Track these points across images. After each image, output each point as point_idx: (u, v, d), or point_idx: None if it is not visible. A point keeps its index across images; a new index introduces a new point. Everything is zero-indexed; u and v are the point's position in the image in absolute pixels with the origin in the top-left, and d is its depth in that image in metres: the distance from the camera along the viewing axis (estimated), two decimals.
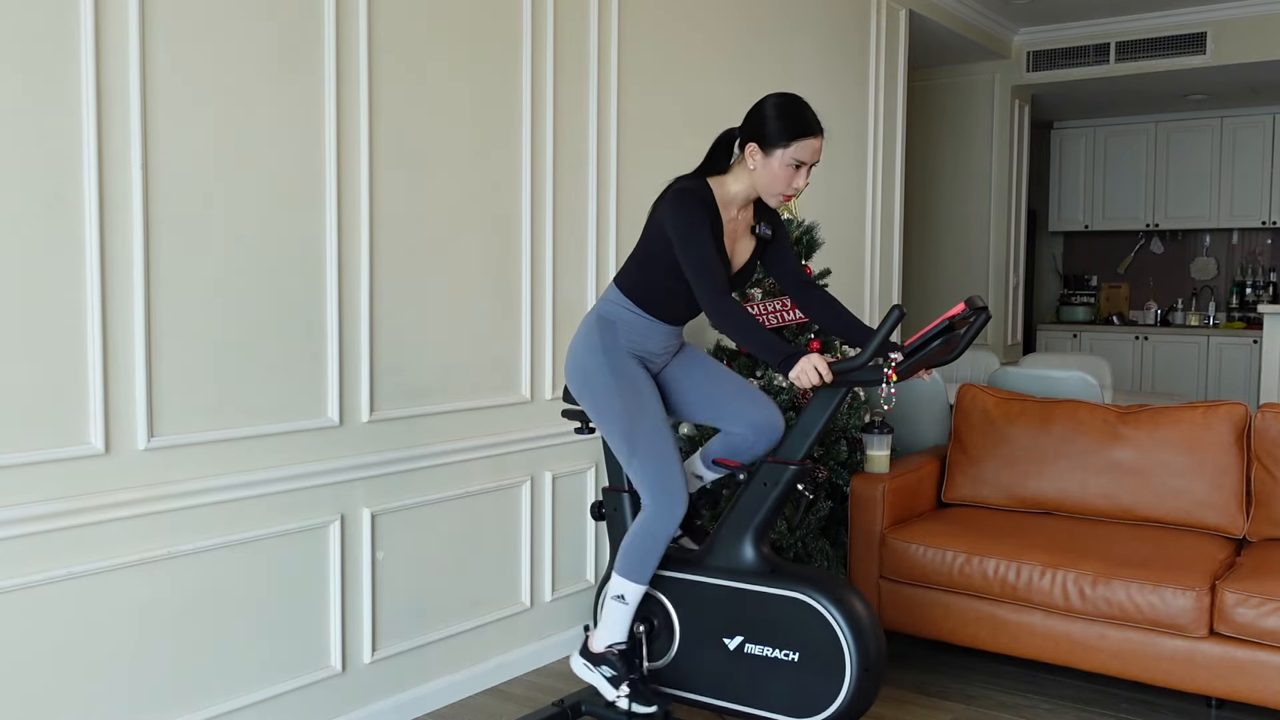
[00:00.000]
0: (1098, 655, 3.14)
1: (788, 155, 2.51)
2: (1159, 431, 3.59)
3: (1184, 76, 6.75)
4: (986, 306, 2.48)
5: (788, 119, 2.52)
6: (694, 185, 2.55)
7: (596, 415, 2.66)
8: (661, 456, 2.58)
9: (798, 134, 2.51)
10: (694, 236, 2.48)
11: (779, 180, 2.54)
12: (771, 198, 2.59)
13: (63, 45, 2.26)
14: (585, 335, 2.67)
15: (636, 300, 2.64)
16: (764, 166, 2.53)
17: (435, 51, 3.06)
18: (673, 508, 2.57)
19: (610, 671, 2.68)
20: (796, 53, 4.65)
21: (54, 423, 2.29)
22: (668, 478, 2.57)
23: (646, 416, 2.60)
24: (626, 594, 2.65)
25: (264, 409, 2.69)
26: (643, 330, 2.65)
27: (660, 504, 2.58)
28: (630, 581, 2.64)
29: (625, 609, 2.66)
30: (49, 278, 2.27)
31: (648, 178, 3.77)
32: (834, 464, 3.73)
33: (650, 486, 2.59)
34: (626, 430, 2.59)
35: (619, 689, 2.66)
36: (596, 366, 2.62)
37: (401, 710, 3.08)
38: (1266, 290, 8.33)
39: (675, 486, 2.58)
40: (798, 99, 2.57)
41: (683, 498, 2.59)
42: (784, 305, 3.60)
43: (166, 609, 2.52)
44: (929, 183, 7.33)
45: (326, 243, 2.81)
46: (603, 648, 2.71)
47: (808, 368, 2.41)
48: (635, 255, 2.66)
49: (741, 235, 2.67)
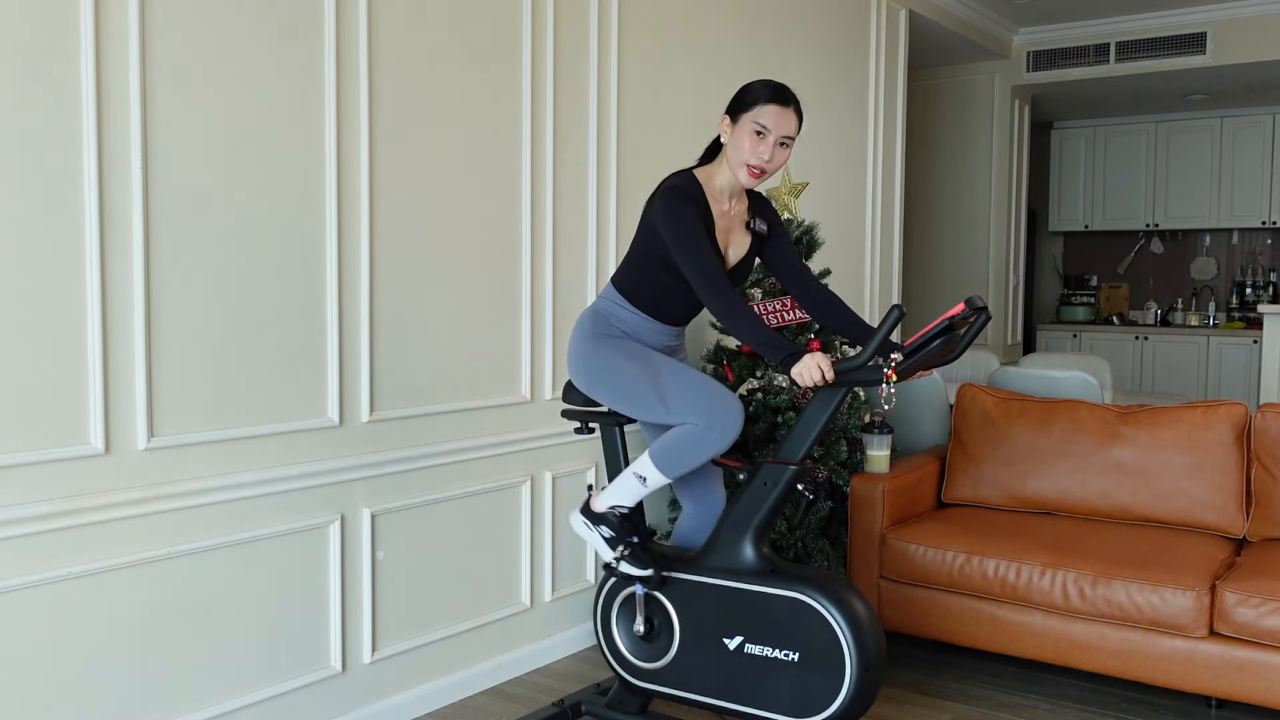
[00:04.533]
0: (1097, 655, 3.15)
1: (750, 119, 2.52)
2: (1159, 431, 3.59)
3: (1184, 76, 6.75)
4: (986, 306, 2.48)
5: (755, 87, 2.55)
6: (683, 182, 2.55)
7: (616, 395, 2.62)
8: (699, 387, 2.51)
9: (761, 99, 2.52)
10: (687, 234, 2.46)
11: (744, 149, 2.53)
12: (740, 170, 2.56)
13: (63, 47, 2.26)
14: (580, 330, 2.67)
15: (634, 300, 2.63)
16: (733, 138, 2.55)
17: (435, 52, 3.06)
18: (727, 427, 2.48)
19: (609, 532, 2.66)
20: (796, 52, 4.65)
21: (54, 423, 2.29)
22: (714, 400, 2.49)
23: (661, 363, 2.57)
24: (650, 478, 2.60)
25: (264, 409, 2.69)
26: (641, 328, 2.64)
27: (713, 425, 2.48)
28: (659, 471, 2.57)
29: (642, 488, 2.63)
30: (49, 278, 2.27)
31: (648, 177, 3.77)
32: (834, 464, 3.73)
33: (702, 413, 2.49)
34: (652, 388, 2.54)
35: (615, 549, 2.64)
36: (595, 351, 2.62)
37: (401, 710, 3.08)
38: (1266, 290, 8.33)
39: (726, 406, 2.48)
40: (771, 79, 2.61)
41: (737, 417, 2.48)
42: (784, 305, 3.60)
43: (166, 609, 2.52)
44: (929, 183, 7.33)
45: (326, 243, 2.81)
46: (605, 508, 2.68)
47: (810, 365, 2.40)
48: (630, 255, 2.65)
49: (735, 230, 2.66)
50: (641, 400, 2.57)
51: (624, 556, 2.63)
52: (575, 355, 2.67)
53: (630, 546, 2.64)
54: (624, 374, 2.58)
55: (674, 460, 2.55)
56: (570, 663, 3.56)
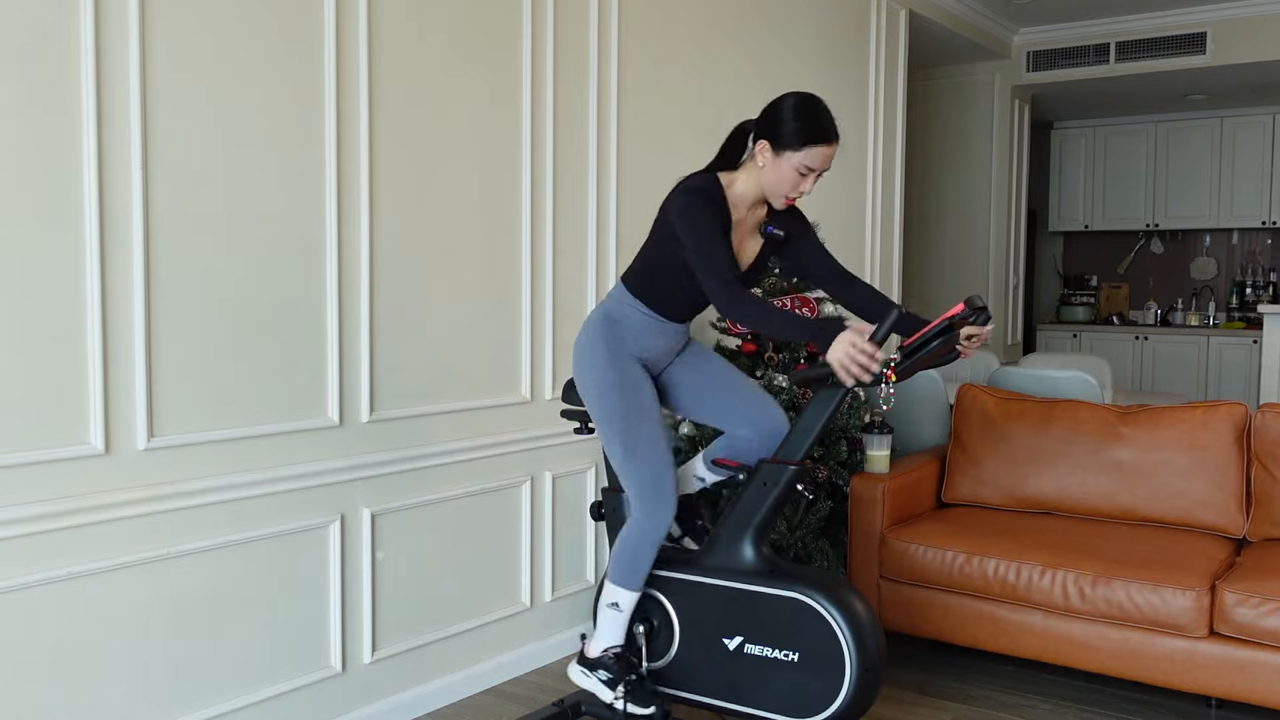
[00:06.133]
0: (1097, 655, 3.15)
1: (798, 159, 2.44)
2: (1159, 431, 3.59)
3: (1184, 76, 6.75)
4: (986, 306, 2.48)
5: (804, 122, 2.43)
6: (703, 183, 2.50)
7: (595, 412, 2.64)
8: (655, 461, 2.56)
9: (811, 139, 2.43)
10: (703, 233, 2.42)
11: (785, 183, 2.48)
12: (775, 199, 2.53)
13: (63, 47, 2.26)
14: (589, 332, 2.65)
15: (645, 300, 2.61)
16: (773, 166, 2.47)
17: (435, 51, 3.06)
18: (661, 513, 2.56)
19: (606, 675, 2.68)
20: (796, 52, 4.65)
21: (54, 423, 2.29)
22: (659, 482, 2.56)
23: (645, 420, 2.58)
24: (620, 601, 2.64)
25: (264, 409, 2.69)
26: (650, 329, 2.63)
27: (649, 509, 2.57)
28: (622, 589, 2.63)
29: (620, 616, 2.66)
30: (49, 278, 2.27)
31: (647, 178, 3.77)
32: (834, 464, 3.73)
33: (641, 490, 2.57)
34: (623, 430, 2.57)
35: (615, 690, 2.65)
36: (598, 364, 2.61)
37: (401, 710, 3.08)
38: (1266, 290, 8.33)
39: (665, 491, 2.56)
40: (817, 101, 2.47)
41: (671, 503, 2.57)
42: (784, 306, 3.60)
43: (166, 609, 2.52)
44: (929, 183, 7.33)
45: (326, 243, 2.81)
46: (598, 653, 2.70)
47: (848, 346, 2.29)
48: (643, 254, 2.62)
49: (749, 234, 2.63)
50: (610, 435, 2.60)
51: (624, 697, 2.64)
52: (580, 358, 2.66)
53: (629, 685, 2.65)
54: (612, 408, 2.59)
55: (629, 568, 2.61)
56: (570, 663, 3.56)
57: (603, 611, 2.68)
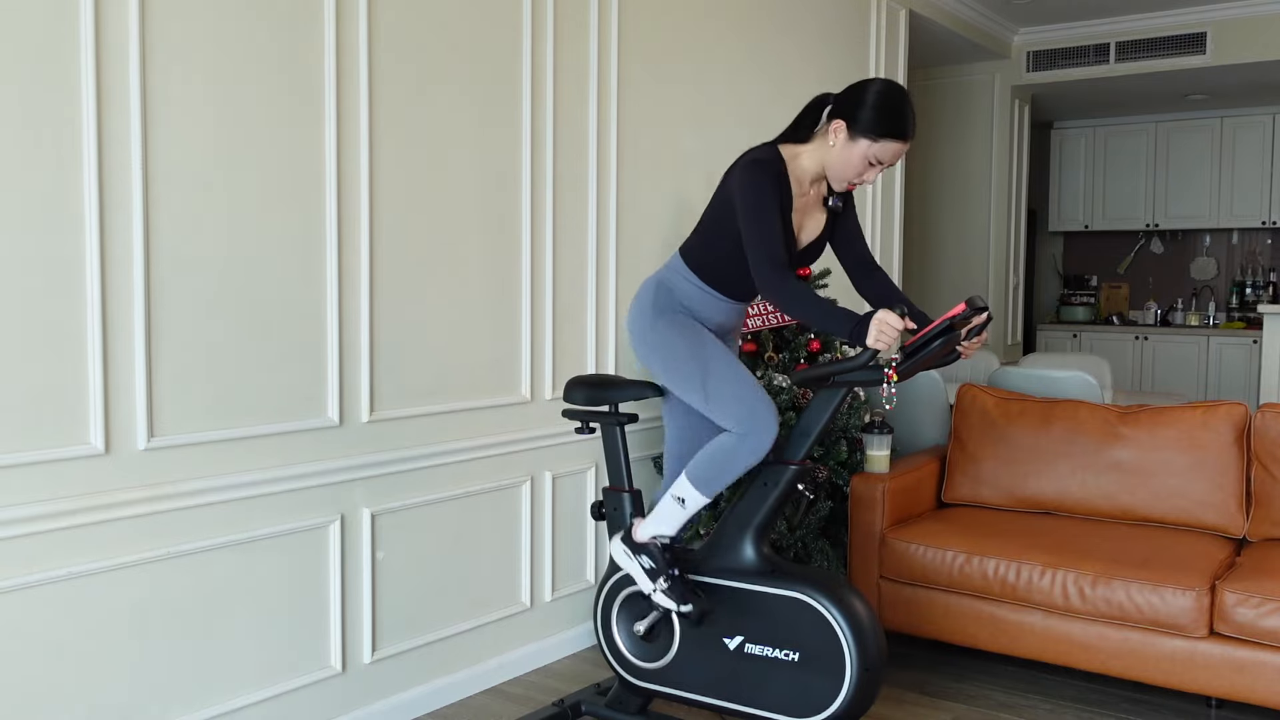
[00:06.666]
0: (1097, 655, 3.15)
1: (872, 150, 2.42)
2: (1159, 431, 3.59)
3: (1184, 76, 6.75)
4: (987, 306, 2.48)
5: (885, 113, 2.39)
6: (767, 156, 2.45)
7: (664, 373, 2.59)
8: (741, 394, 2.48)
9: (889, 133, 2.40)
10: (760, 208, 2.38)
11: (851, 168, 2.45)
12: (837, 182, 2.50)
13: (63, 47, 2.26)
14: (641, 297, 2.62)
15: (701, 274, 2.57)
16: (843, 148, 2.44)
17: (435, 50, 3.06)
18: (760, 437, 2.45)
19: (650, 563, 2.59)
20: (796, 52, 4.65)
21: (54, 423, 2.29)
22: (753, 413, 2.46)
23: (714, 357, 2.52)
24: (688, 500, 2.56)
25: (264, 409, 2.69)
26: (703, 303, 2.59)
27: (748, 433, 2.46)
28: (697, 490, 2.55)
29: (681, 512, 2.59)
30: (49, 278, 2.27)
31: (648, 177, 3.77)
32: (834, 464, 3.73)
33: (737, 418, 2.48)
34: (698, 374, 2.50)
35: (656, 581, 2.58)
36: (653, 323, 2.58)
37: (401, 710, 3.08)
38: (1266, 290, 8.34)
39: (761, 419, 2.45)
40: (904, 95, 2.44)
41: (771, 431, 2.45)
42: None
43: (166, 609, 2.52)
44: (929, 183, 7.33)
45: (326, 242, 2.81)
46: (647, 538, 2.63)
47: (882, 325, 2.27)
48: (701, 226, 2.57)
49: (813, 209, 2.56)
50: (687, 384, 2.54)
51: (663, 590, 2.57)
52: (635, 326, 2.64)
53: (671, 580, 2.58)
54: (677, 355, 2.54)
55: (710, 477, 2.53)
56: (570, 663, 3.56)
57: (665, 499, 2.61)
